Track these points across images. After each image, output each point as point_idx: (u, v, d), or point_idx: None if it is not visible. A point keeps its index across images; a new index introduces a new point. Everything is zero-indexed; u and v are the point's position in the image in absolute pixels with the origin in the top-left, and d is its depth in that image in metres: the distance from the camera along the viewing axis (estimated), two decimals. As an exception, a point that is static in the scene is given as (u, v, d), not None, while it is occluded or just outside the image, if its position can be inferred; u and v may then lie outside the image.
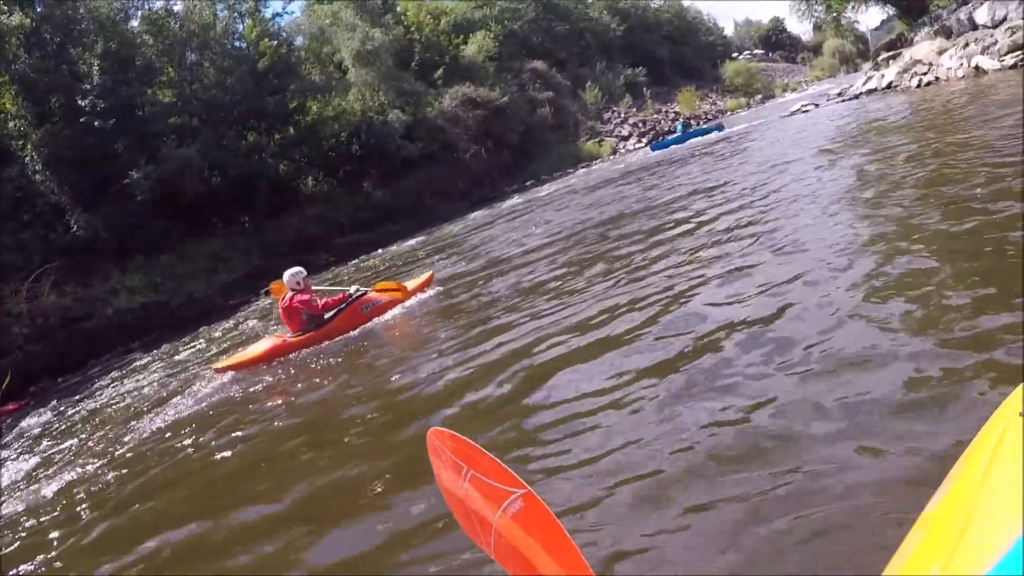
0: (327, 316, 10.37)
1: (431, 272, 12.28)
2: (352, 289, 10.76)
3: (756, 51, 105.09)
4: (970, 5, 28.74)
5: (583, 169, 38.63)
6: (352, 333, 10.26)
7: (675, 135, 38.09)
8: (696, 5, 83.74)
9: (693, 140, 33.88)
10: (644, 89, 57.34)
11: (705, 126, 41.34)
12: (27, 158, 25.34)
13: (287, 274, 10.29)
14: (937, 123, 14.35)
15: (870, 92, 30.18)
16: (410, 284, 11.47)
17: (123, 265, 23.91)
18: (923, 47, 29.36)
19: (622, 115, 53.63)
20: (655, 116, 54.34)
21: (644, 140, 46.24)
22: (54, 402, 14.55)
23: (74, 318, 21.54)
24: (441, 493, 2.26)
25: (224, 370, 10.11)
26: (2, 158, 24.76)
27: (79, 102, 25.73)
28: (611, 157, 43.44)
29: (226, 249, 26.60)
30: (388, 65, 37.40)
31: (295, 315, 10.21)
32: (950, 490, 1.74)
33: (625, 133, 50.57)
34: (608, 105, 54.16)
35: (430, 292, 11.44)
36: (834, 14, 49.43)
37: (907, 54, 30.51)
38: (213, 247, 26.47)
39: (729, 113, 56.74)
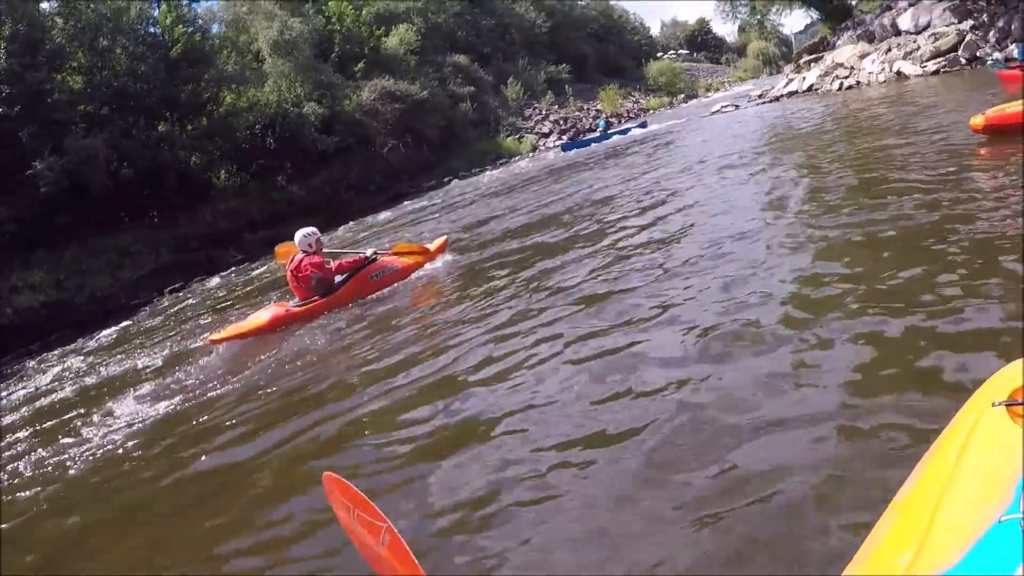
0: (338, 283, 10.01)
1: (445, 237, 11.93)
2: (369, 252, 10.37)
3: (681, 51, 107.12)
4: (894, 11, 29.76)
5: (502, 166, 38.81)
6: (360, 302, 9.93)
7: (595, 133, 38.57)
8: (623, 4, 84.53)
9: (615, 139, 34.16)
10: (567, 86, 57.86)
11: (627, 125, 41.91)
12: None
13: (299, 234, 9.90)
14: (853, 127, 15.04)
15: (791, 94, 31.05)
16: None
17: (25, 260, 23.03)
18: (845, 51, 30.40)
19: (543, 112, 54.04)
20: (577, 113, 54.98)
21: (565, 137, 46.69)
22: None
23: (-29, 318, 20.57)
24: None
25: (221, 342, 9.54)
26: None
27: (-18, 87, 24.96)
28: (531, 154, 43.80)
29: (134, 243, 25.91)
30: (307, 56, 36.97)
31: (304, 280, 9.84)
32: (922, 477, 1.76)
33: (546, 130, 50.99)
34: (530, 102, 54.52)
35: (445, 258, 11.26)
36: (758, 16, 50.66)
37: (829, 57, 31.51)
38: (120, 242, 25.75)
39: (652, 112, 57.77)
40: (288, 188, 32.52)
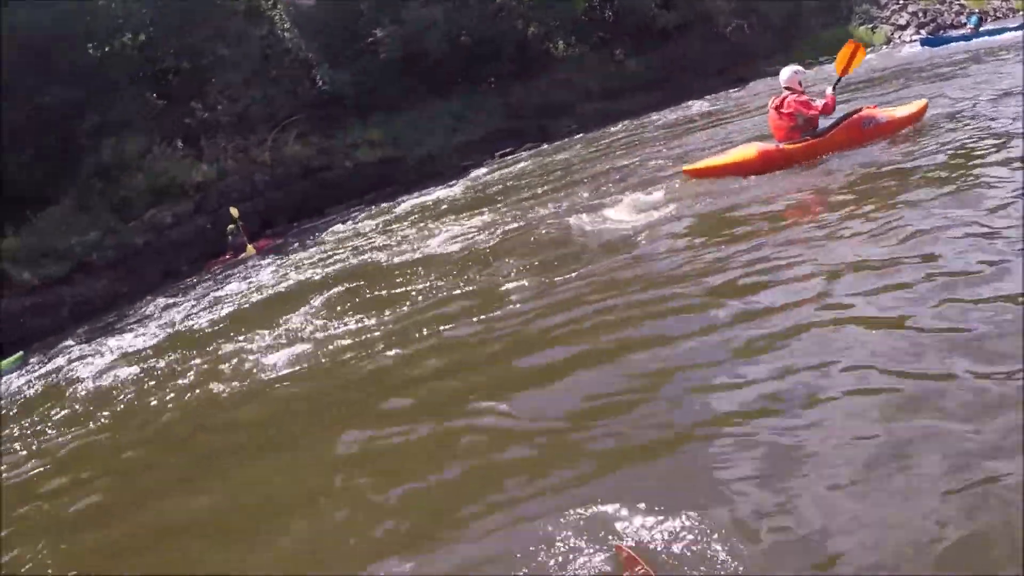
0: (824, 127, 9.20)
1: (925, 101, 10.06)
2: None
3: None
4: None
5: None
6: (853, 154, 8.82)
7: (963, 31, 32.56)
8: None
9: (983, 39, 28.30)
10: (929, -27, 51.14)
11: (1003, 24, 35.17)
12: (276, 17, 25.43)
13: (785, 71, 9.33)
14: None
15: None
16: (901, 111, 9.70)
17: (364, 120, 23.78)
18: None
19: (901, 1, 48.14)
20: (938, 6, 48.24)
21: (923, 31, 40.79)
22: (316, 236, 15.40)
23: (314, 168, 21.97)
24: None
25: (697, 174, 9.33)
26: (253, 17, 24.94)
27: (326, -38, 25.41)
28: (884, 47, 38.62)
29: (467, 109, 25.75)
30: (647, -74, 34.49)
31: (789, 118, 9.13)
32: None
33: (903, 22, 44.98)
34: (886, -12, 48.66)
35: (924, 121, 9.67)
36: None
37: None
38: (454, 107, 25.67)
39: (1021, 12, 49.66)
40: (625, 63, 30.53)
